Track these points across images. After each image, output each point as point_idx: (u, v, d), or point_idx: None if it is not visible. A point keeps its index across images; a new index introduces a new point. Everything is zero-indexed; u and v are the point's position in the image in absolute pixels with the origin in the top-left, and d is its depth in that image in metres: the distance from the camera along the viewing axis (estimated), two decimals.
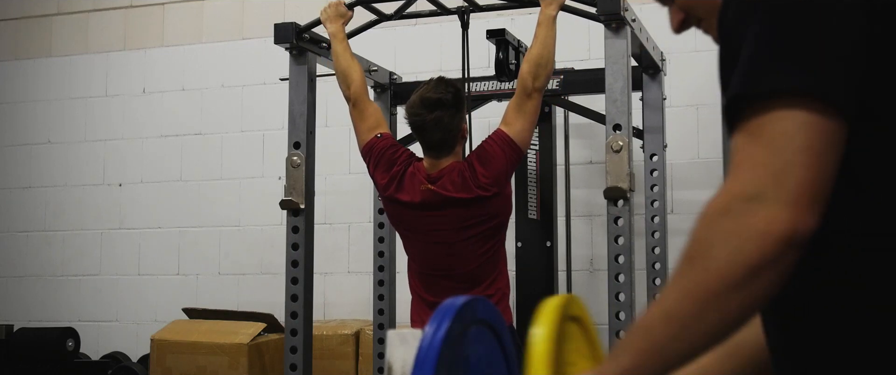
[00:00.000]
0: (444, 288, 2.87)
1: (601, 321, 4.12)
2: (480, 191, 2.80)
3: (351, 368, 4.11)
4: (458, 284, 2.84)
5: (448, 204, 2.82)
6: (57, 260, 5.26)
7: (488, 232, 2.87)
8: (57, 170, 5.32)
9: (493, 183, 2.81)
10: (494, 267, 2.91)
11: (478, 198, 2.80)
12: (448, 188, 2.82)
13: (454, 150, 2.91)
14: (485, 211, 2.83)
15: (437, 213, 2.84)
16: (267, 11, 4.96)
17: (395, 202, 2.92)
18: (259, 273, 4.88)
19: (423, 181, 2.86)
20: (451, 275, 2.88)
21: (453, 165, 2.87)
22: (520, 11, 4.37)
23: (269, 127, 4.89)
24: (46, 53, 5.45)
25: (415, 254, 2.99)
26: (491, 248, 2.89)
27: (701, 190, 4.19)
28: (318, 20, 3.24)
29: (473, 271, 2.87)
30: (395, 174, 2.91)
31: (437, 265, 2.91)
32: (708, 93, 4.17)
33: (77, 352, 4.69)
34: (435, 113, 2.82)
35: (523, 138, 2.86)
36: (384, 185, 2.94)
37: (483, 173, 2.80)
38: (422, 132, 2.87)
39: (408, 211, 2.90)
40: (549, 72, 2.83)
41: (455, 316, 1.12)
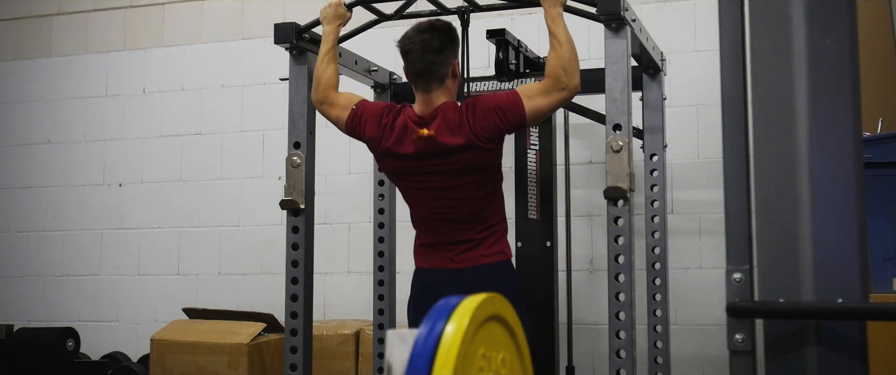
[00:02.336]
0: (442, 231, 2.90)
1: (601, 321, 4.13)
2: (476, 140, 2.77)
3: (351, 368, 4.11)
4: (456, 226, 2.87)
5: (442, 152, 2.79)
6: (57, 260, 5.26)
7: (484, 179, 2.86)
8: (57, 170, 5.32)
9: (488, 138, 2.77)
10: (492, 208, 2.90)
11: (472, 146, 2.77)
12: (443, 131, 2.77)
13: (444, 85, 2.84)
14: (480, 159, 2.81)
15: (432, 161, 2.81)
16: (267, 11, 4.97)
17: (388, 155, 2.89)
18: (259, 273, 4.88)
19: (415, 129, 2.81)
20: (450, 218, 2.88)
21: (448, 104, 2.82)
22: (520, 11, 4.37)
23: (269, 127, 4.89)
24: (46, 53, 5.45)
25: (413, 202, 2.98)
26: (488, 192, 2.88)
27: (701, 190, 4.20)
28: (318, 20, 3.24)
29: (471, 214, 2.87)
30: (385, 125, 2.88)
31: (435, 209, 2.90)
32: (708, 93, 4.17)
33: (77, 352, 4.69)
34: (424, 35, 2.80)
35: (533, 115, 2.80)
36: (376, 140, 2.89)
37: (481, 124, 2.76)
38: (409, 57, 2.82)
39: (402, 162, 2.87)
40: (579, 67, 2.80)
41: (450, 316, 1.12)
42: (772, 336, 1.78)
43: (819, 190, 1.76)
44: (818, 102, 1.78)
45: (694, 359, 4.15)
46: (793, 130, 1.78)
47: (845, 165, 1.76)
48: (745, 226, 1.84)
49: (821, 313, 1.74)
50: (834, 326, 1.75)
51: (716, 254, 4.15)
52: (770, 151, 1.80)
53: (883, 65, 3.65)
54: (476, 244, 2.87)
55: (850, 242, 1.74)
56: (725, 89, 1.88)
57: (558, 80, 2.76)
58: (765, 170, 1.80)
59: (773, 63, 1.81)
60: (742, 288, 1.82)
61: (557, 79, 2.76)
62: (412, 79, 2.87)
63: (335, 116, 3.03)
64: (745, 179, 1.86)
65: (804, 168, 1.77)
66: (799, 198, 1.77)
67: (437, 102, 2.83)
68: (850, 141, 1.76)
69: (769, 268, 1.78)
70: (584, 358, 4.22)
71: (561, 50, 2.78)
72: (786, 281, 1.76)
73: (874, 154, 2.91)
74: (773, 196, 1.79)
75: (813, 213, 1.76)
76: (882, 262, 2.86)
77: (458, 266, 2.87)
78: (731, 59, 1.87)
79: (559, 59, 2.77)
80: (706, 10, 4.28)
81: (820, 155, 1.76)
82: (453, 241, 2.89)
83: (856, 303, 1.72)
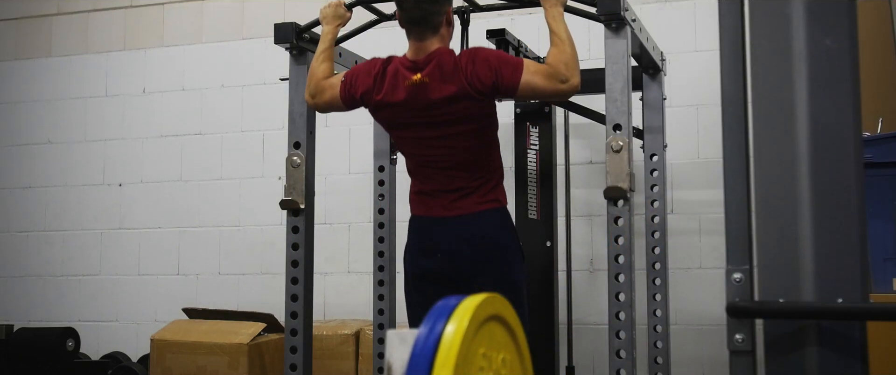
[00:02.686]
0: (437, 179, 2.90)
1: (601, 321, 4.13)
2: (469, 90, 2.75)
3: (351, 368, 4.11)
4: (451, 173, 2.87)
5: (434, 100, 2.78)
6: (57, 260, 5.26)
7: (478, 128, 2.85)
8: (57, 170, 5.32)
9: (481, 90, 2.75)
10: (486, 157, 2.90)
11: (465, 96, 2.76)
12: (436, 78, 2.77)
13: (438, 33, 2.83)
14: (472, 109, 2.80)
15: (424, 109, 2.81)
16: (267, 11, 4.97)
17: (382, 106, 2.88)
18: (259, 273, 4.88)
19: (408, 75, 2.81)
20: (443, 166, 2.88)
21: (442, 50, 2.82)
22: (520, 11, 4.37)
23: (269, 127, 4.89)
24: (46, 53, 5.45)
25: (408, 152, 2.96)
26: (482, 141, 2.87)
27: (701, 190, 4.20)
28: (318, 20, 3.24)
29: (465, 162, 2.86)
30: (376, 77, 2.87)
31: (429, 158, 2.90)
32: (708, 93, 4.17)
33: (77, 352, 4.69)
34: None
35: (525, 89, 2.77)
36: (369, 93, 2.88)
37: (477, 75, 2.74)
38: (404, 4, 2.80)
39: (395, 111, 2.86)
40: (579, 67, 2.79)
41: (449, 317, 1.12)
42: (772, 336, 1.78)
43: (819, 190, 1.76)
44: (818, 102, 1.78)
45: (694, 359, 4.15)
46: (793, 130, 1.78)
47: (845, 165, 1.76)
48: (745, 226, 1.84)
49: (821, 313, 1.74)
50: (834, 326, 1.75)
51: (716, 254, 4.15)
52: (770, 151, 1.80)
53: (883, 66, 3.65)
54: (470, 191, 2.87)
55: (850, 242, 1.74)
56: (725, 89, 1.88)
57: (560, 75, 2.75)
58: (765, 170, 1.80)
59: (773, 63, 1.81)
60: (742, 288, 1.82)
61: (559, 74, 2.75)
62: (406, 26, 2.86)
63: (329, 98, 3.01)
64: (745, 179, 1.86)
65: (804, 168, 1.77)
66: (799, 198, 1.77)
67: (430, 49, 2.82)
68: (850, 141, 1.76)
69: (769, 268, 1.78)
70: (584, 358, 4.22)
71: (563, 47, 2.77)
72: (786, 281, 1.76)
73: (874, 154, 2.91)
74: (773, 196, 1.79)
75: (813, 213, 1.76)
76: (882, 262, 2.86)
77: (452, 213, 2.87)
78: (731, 59, 1.87)
79: (562, 54, 2.76)
80: (706, 10, 4.28)
81: (820, 155, 1.76)
82: (447, 189, 2.88)
83: (856, 303, 1.72)
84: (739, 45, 1.87)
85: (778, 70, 1.80)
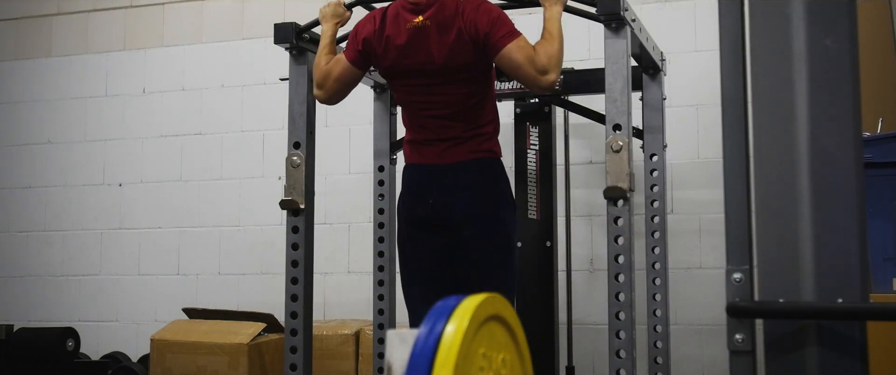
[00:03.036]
0: (431, 128, 2.91)
1: (601, 321, 4.13)
2: (467, 38, 2.77)
3: (351, 368, 4.11)
4: (446, 122, 2.88)
5: (433, 44, 2.80)
6: (57, 260, 5.26)
7: (472, 77, 2.86)
8: (57, 170, 5.32)
9: (479, 39, 2.77)
10: (481, 107, 2.91)
11: (463, 41, 2.78)
12: (436, 21, 2.80)
13: None
14: (468, 57, 2.81)
15: (422, 54, 2.83)
16: (267, 11, 4.97)
17: (383, 53, 2.89)
18: (259, 273, 4.88)
19: (409, 18, 2.84)
20: (438, 115, 2.89)
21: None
22: (520, 11, 4.37)
23: (269, 127, 4.89)
24: (46, 53, 5.45)
25: (405, 100, 2.98)
26: (476, 91, 2.89)
27: (701, 190, 4.20)
28: (318, 20, 3.25)
29: (460, 111, 2.87)
30: (378, 22, 2.89)
31: (424, 106, 2.91)
32: (708, 93, 4.17)
33: (77, 352, 4.69)
34: None
35: (504, 60, 2.78)
36: (369, 42, 2.90)
37: (478, 24, 2.77)
38: None
39: (396, 55, 2.87)
40: (560, 69, 2.81)
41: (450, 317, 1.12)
42: (772, 337, 1.78)
43: (819, 190, 1.76)
44: (818, 102, 1.77)
45: (694, 359, 4.15)
46: (793, 130, 1.78)
47: (845, 165, 1.76)
48: (745, 226, 1.84)
49: (821, 313, 1.74)
50: (834, 326, 1.75)
51: (716, 254, 4.15)
52: (770, 151, 1.80)
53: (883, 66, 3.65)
54: (464, 141, 2.88)
55: (850, 242, 1.74)
56: (725, 89, 1.88)
57: (541, 63, 2.75)
58: (765, 170, 1.80)
59: (773, 63, 1.81)
60: (742, 288, 1.82)
61: (540, 61, 2.75)
62: None
63: (340, 71, 3.00)
64: (745, 179, 1.86)
65: (804, 168, 1.77)
66: (799, 198, 1.77)
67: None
68: (850, 141, 1.76)
69: (769, 268, 1.78)
70: (584, 358, 4.22)
71: (552, 42, 2.80)
72: (786, 281, 1.76)
73: (874, 154, 2.91)
74: (773, 196, 1.79)
75: (813, 213, 1.76)
76: (882, 262, 2.86)
77: (445, 161, 2.88)
78: (731, 59, 1.87)
79: (548, 48, 2.78)
80: (706, 10, 4.28)
81: (820, 155, 1.76)
82: (441, 138, 2.89)
83: (856, 303, 1.72)
84: (739, 45, 1.87)
85: (778, 70, 1.80)
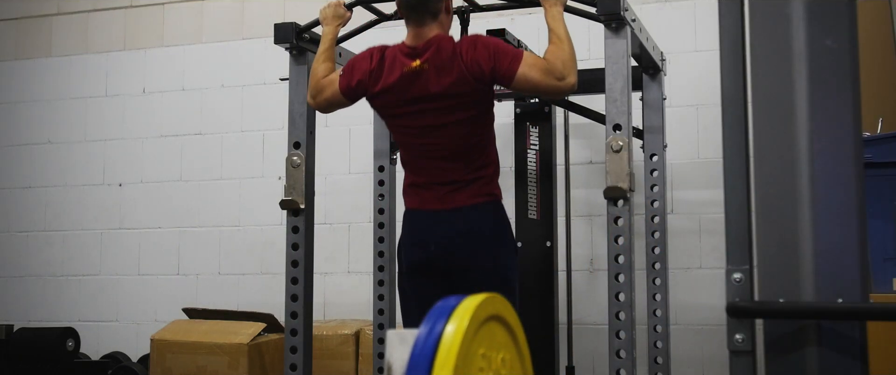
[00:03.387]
0: (431, 171, 2.86)
1: (601, 321, 4.13)
2: (468, 76, 2.73)
3: (351, 368, 4.11)
4: (446, 164, 2.83)
5: (432, 87, 2.76)
6: (57, 260, 5.26)
7: (475, 115, 2.82)
8: (57, 170, 5.32)
9: (482, 76, 2.74)
10: (482, 149, 2.87)
11: (463, 82, 2.74)
12: (434, 64, 2.75)
13: (437, 19, 2.82)
14: (470, 97, 2.77)
15: (421, 97, 2.78)
16: (267, 11, 4.97)
17: (380, 93, 2.85)
18: (259, 273, 4.88)
19: (406, 62, 2.79)
20: (438, 157, 2.85)
21: (441, 37, 2.80)
22: (520, 11, 4.37)
23: (269, 127, 4.89)
24: (46, 53, 5.45)
25: (402, 141, 2.94)
26: (477, 131, 2.84)
27: (701, 190, 4.20)
28: (318, 20, 3.25)
29: (460, 153, 2.84)
30: (373, 65, 2.85)
31: (424, 148, 2.87)
32: (708, 93, 4.17)
33: (77, 352, 4.69)
34: None
35: (521, 82, 2.75)
36: (364, 82, 2.87)
37: (477, 60, 2.73)
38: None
39: (392, 98, 2.83)
40: (577, 68, 2.78)
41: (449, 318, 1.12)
42: (772, 337, 1.78)
43: (819, 190, 1.76)
44: (818, 102, 1.78)
45: (694, 359, 4.15)
46: (793, 130, 1.78)
47: (845, 165, 1.76)
48: (745, 226, 1.84)
49: (821, 313, 1.74)
50: (834, 326, 1.75)
51: (716, 254, 4.15)
52: (770, 151, 1.80)
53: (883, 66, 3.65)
54: (465, 185, 2.84)
55: (850, 242, 1.74)
56: (725, 89, 1.88)
57: (557, 70, 2.74)
58: (765, 170, 1.80)
59: (773, 63, 1.81)
60: (742, 288, 1.82)
61: (556, 71, 2.73)
62: (405, 12, 2.85)
63: (330, 95, 2.98)
64: (745, 179, 1.86)
65: (804, 168, 1.77)
66: (799, 198, 1.77)
67: (429, 35, 2.81)
68: (850, 141, 1.76)
69: (769, 268, 1.78)
70: (584, 358, 4.22)
71: (561, 45, 2.77)
72: (786, 281, 1.76)
73: (874, 154, 2.91)
74: (773, 196, 1.79)
75: (813, 213, 1.76)
76: (882, 262, 2.86)
77: (446, 206, 2.84)
78: (731, 59, 1.87)
79: (560, 52, 2.75)
80: (706, 10, 4.28)
81: (820, 155, 1.76)
82: (441, 182, 2.85)
83: (856, 303, 1.72)
84: (739, 45, 1.87)
85: (778, 70, 1.80)
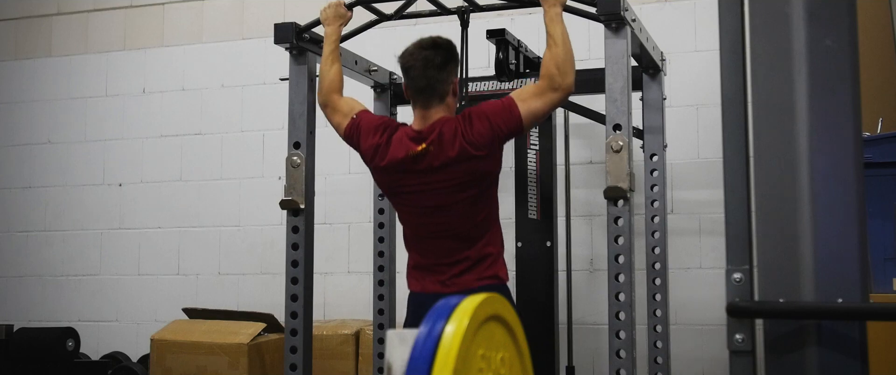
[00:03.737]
0: (438, 250, 2.83)
1: (601, 321, 4.13)
2: (470, 149, 2.71)
3: (351, 368, 4.11)
4: (452, 244, 2.80)
5: (438, 167, 2.74)
6: (57, 260, 5.26)
7: (480, 192, 2.79)
8: (57, 170, 5.32)
9: (482, 145, 2.72)
10: (487, 229, 2.83)
11: (467, 156, 2.72)
12: (439, 146, 2.73)
13: (444, 102, 2.81)
14: (476, 170, 2.75)
15: (427, 177, 2.76)
16: (267, 11, 4.97)
17: (382, 170, 2.86)
18: (259, 273, 4.88)
19: (412, 146, 2.76)
20: (442, 238, 2.82)
21: (445, 119, 2.78)
22: (520, 11, 4.37)
23: (269, 127, 4.89)
24: (46, 53, 5.45)
25: (407, 220, 2.91)
26: (484, 207, 2.82)
27: (701, 190, 4.20)
28: (318, 20, 3.25)
29: (468, 231, 2.81)
30: (381, 140, 2.83)
31: (428, 228, 2.84)
32: (708, 93, 4.17)
33: (77, 352, 4.69)
34: (426, 52, 2.78)
35: (529, 119, 2.77)
36: (369, 154, 2.86)
37: (475, 132, 2.71)
38: (411, 73, 2.79)
39: (395, 178, 2.82)
40: (574, 67, 2.79)
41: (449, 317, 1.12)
42: (772, 336, 1.78)
43: (819, 190, 1.76)
44: (818, 102, 1.78)
45: (694, 359, 4.15)
46: (793, 130, 1.78)
47: (845, 165, 1.76)
48: (745, 226, 1.84)
49: (821, 313, 1.74)
50: (834, 326, 1.75)
51: (716, 254, 4.15)
52: (770, 151, 1.80)
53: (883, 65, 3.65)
54: (469, 267, 2.80)
55: (850, 242, 1.74)
56: (725, 89, 1.88)
57: (552, 80, 2.74)
58: (765, 170, 1.80)
59: (773, 63, 1.81)
60: (742, 288, 1.82)
61: (551, 79, 2.74)
62: (412, 95, 2.83)
63: (336, 122, 3.03)
64: (745, 179, 1.86)
65: (804, 168, 1.77)
66: (799, 198, 1.77)
67: (435, 118, 2.79)
68: (850, 141, 1.76)
69: (769, 268, 1.78)
70: (584, 358, 4.22)
71: (556, 49, 2.77)
72: (786, 281, 1.76)
73: (874, 154, 2.91)
74: (773, 196, 1.79)
75: (813, 213, 1.76)
76: (882, 262, 2.86)
77: (450, 289, 2.76)
78: (731, 59, 1.87)
79: (554, 58, 2.76)
80: (706, 10, 4.28)
81: (820, 155, 1.76)
82: (445, 262, 2.81)
83: (856, 303, 1.72)
84: (739, 45, 1.87)
85: (778, 70, 1.80)
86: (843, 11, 1.79)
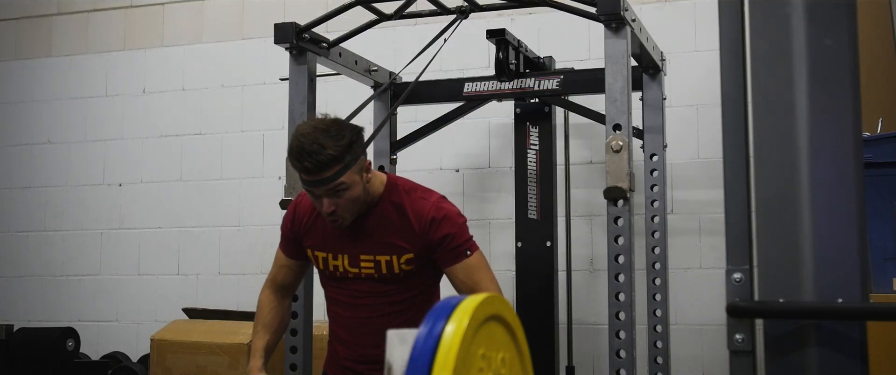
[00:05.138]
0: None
1: (601, 321, 4.13)
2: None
3: None
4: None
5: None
6: (57, 260, 5.26)
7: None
8: (57, 170, 5.32)
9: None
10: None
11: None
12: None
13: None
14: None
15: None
16: (267, 11, 4.96)
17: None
18: (259, 273, 4.87)
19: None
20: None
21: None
22: (520, 11, 4.37)
23: (269, 127, 4.89)
24: (46, 53, 5.45)
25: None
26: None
27: (701, 190, 4.20)
28: (319, 19, 3.25)
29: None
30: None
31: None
32: (708, 93, 4.17)
33: (77, 352, 4.69)
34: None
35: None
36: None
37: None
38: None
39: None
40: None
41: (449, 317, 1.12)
42: (772, 336, 1.78)
43: (819, 190, 1.76)
44: (818, 102, 1.78)
45: (694, 359, 4.15)
46: (793, 130, 1.78)
47: (845, 165, 1.76)
48: (745, 226, 1.84)
49: (821, 313, 1.74)
50: (834, 326, 1.75)
51: (716, 254, 4.15)
52: (770, 151, 1.80)
53: (883, 65, 3.65)
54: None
55: (850, 242, 1.74)
56: (725, 89, 1.88)
57: None
58: (765, 170, 1.80)
59: (773, 63, 1.81)
60: (742, 288, 1.82)
61: None
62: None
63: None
64: (745, 179, 1.86)
65: (804, 168, 1.77)
66: (799, 198, 1.77)
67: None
68: (850, 141, 1.76)
69: (769, 268, 1.78)
70: (584, 358, 4.22)
71: None
72: (786, 281, 1.76)
73: (874, 154, 2.91)
74: (773, 196, 1.79)
75: (813, 213, 1.76)
76: (882, 262, 2.86)
77: None
78: (730, 59, 1.87)
79: None
80: (706, 10, 4.27)
81: (820, 155, 1.76)
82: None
83: (856, 303, 1.72)
84: (739, 45, 1.87)
85: (778, 70, 1.80)
86: (843, 11, 1.79)
